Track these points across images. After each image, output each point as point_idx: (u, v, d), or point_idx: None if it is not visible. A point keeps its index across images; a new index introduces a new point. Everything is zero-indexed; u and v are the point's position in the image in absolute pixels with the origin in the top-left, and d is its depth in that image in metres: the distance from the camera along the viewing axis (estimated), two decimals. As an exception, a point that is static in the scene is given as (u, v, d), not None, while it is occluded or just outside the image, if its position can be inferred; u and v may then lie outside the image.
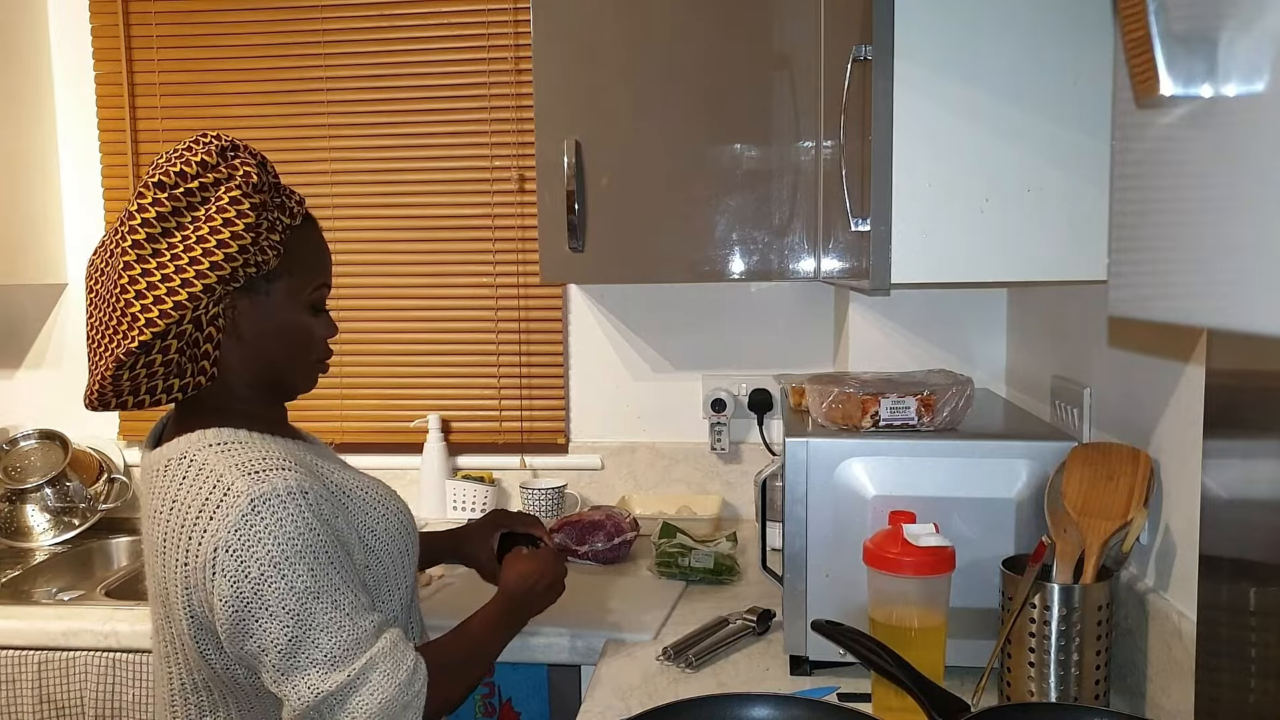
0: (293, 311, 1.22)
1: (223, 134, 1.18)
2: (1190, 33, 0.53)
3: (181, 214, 1.13)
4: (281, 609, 1.08)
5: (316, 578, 1.09)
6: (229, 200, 1.13)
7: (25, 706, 1.87)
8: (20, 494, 2.37)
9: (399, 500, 1.31)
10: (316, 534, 1.11)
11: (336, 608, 1.10)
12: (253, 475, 1.11)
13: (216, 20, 2.45)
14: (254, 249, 1.14)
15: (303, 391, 1.28)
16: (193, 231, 1.12)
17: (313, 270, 1.24)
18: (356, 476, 1.28)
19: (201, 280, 1.11)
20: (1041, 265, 1.26)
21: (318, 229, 1.27)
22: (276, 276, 1.19)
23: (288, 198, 1.21)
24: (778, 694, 1.20)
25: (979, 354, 2.09)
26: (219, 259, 1.12)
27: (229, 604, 1.08)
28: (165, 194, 1.13)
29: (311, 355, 1.26)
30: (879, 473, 1.42)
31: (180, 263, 1.11)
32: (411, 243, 2.47)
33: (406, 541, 1.28)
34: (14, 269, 2.40)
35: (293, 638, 1.08)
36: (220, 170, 1.14)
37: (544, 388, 2.47)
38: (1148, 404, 1.33)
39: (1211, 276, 0.53)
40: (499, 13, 2.38)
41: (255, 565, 1.07)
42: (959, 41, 1.23)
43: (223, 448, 1.15)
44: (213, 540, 1.09)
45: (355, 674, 1.09)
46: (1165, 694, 1.23)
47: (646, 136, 1.98)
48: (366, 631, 1.12)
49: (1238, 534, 1.05)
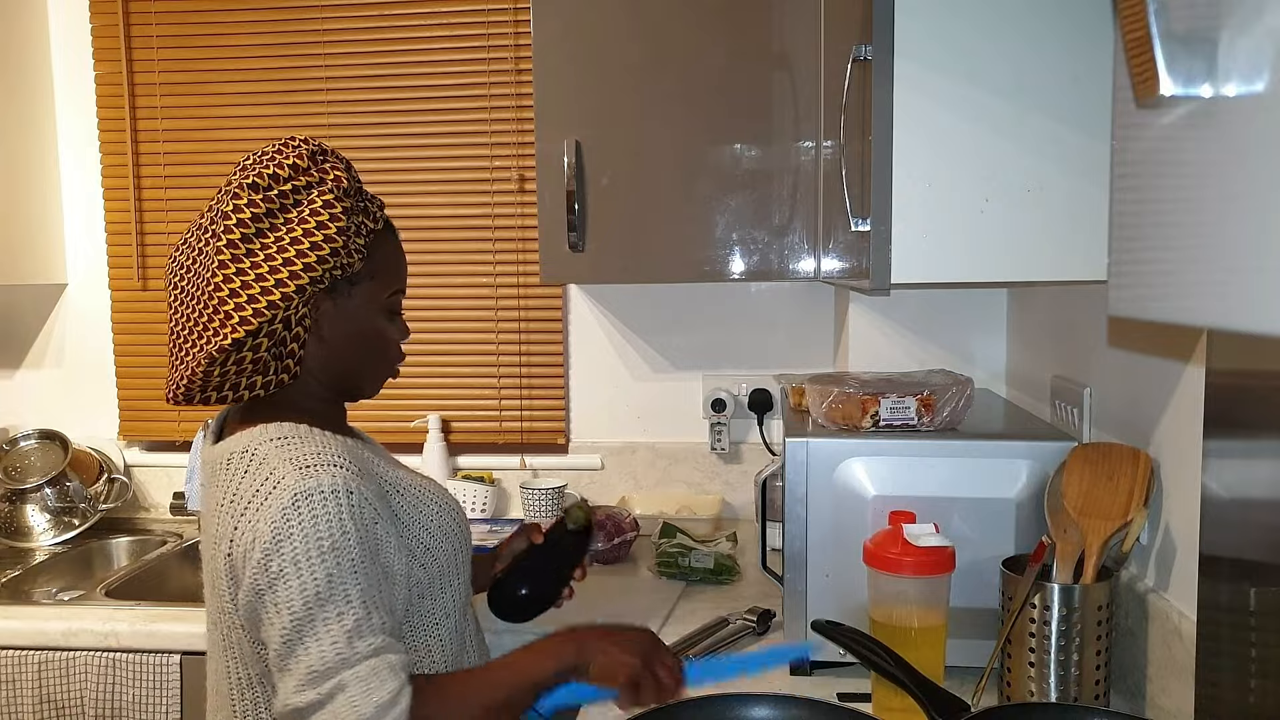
0: (371, 315, 1.24)
1: (311, 139, 1.21)
2: (1190, 33, 0.53)
3: (275, 215, 1.15)
4: (288, 606, 1.07)
5: (331, 583, 1.08)
6: (322, 204, 1.16)
7: (25, 706, 1.87)
8: (20, 494, 2.37)
9: (451, 498, 1.31)
10: (349, 537, 1.10)
11: (339, 619, 1.07)
12: (302, 470, 1.12)
13: (216, 20, 2.45)
14: (343, 251, 1.17)
15: (369, 395, 1.30)
16: (286, 232, 1.15)
17: (392, 275, 1.26)
18: (410, 475, 1.28)
19: (294, 280, 1.14)
20: (1041, 265, 1.26)
21: (396, 235, 1.29)
22: (359, 279, 1.22)
23: (370, 202, 1.24)
24: (778, 694, 1.20)
25: (979, 354, 2.09)
26: (311, 260, 1.14)
27: (250, 591, 1.10)
28: (260, 195, 1.15)
29: (387, 359, 1.28)
30: (879, 473, 1.42)
31: (274, 263, 1.14)
32: (411, 243, 2.46)
33: (460, 539, 1.28)
34: (14, 269, 2.40)
35: (287, 639, 1.07)
36: (312, 174, 1.17)
37: (544, 388, 2.47)
38: (1148, 404, 1.33)
39: (1211, 276, 0.53)
40: (499, 13, 2.38)
41: (279, 559, 1.08)
42: (959, 41, 1.23)
43: (282, 441, 1.16)
44: (253, 531, 1.10)
45: (324, 694, 1.05)
46: (1165, 694, 1.23)
47: (647, 136, 1.98)
48: (358, 653, 1.07)
49: (1238, 534, 1.05)
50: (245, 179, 1.16)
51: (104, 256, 2.57)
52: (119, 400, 2.58)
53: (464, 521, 1.31)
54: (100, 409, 2.59)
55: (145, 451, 2.61)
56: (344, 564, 1.09)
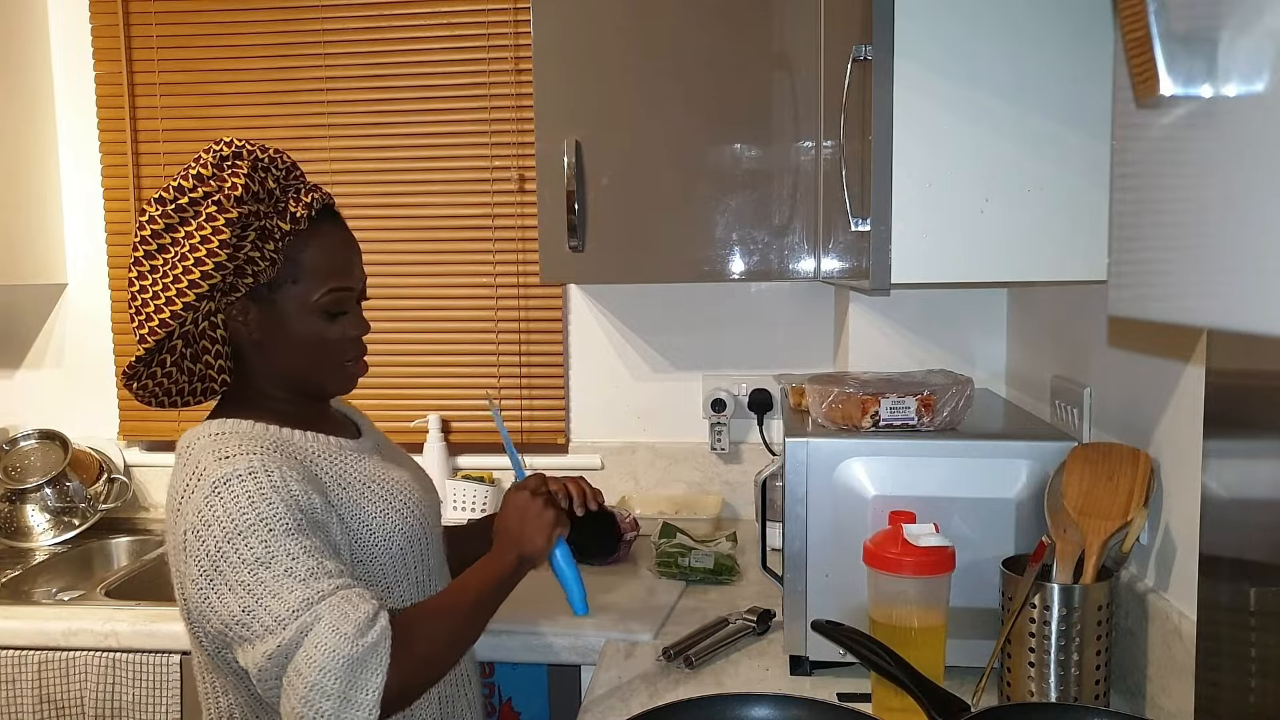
0: (303, 318, 1.21)
1: (237, 140, 1.19)
2: (1190, 33, 0.53)
3: (175, 229, 1.16)
4: (236, 581, 1.07)
5: (269, 548, 1.08)
6: (206, 217, 1.15)
7: (25, 706, 1.87)
8: (20, 494, 2.37)
9: (411, 500, 1.28)
10: (274, 507, 1.10)
11: (290, 575, 1.07)
12: (222, 459, 1.13)
13: (216, 20, 2.45)
14: (234, 263, 1.15)
15: (336, 392, 1.29)
16: (179, 248, 1.16)
17: (323, 275, 1.22)
18: (372, 474, 1.26)
19: (182, 299, 1.15)
20: (1041, 265, 1.26)
21: (335, 230, 1.25)
22: (280, 284, 1.20)
23: (296, 200, 1.20)
24: (778, 694, 1.20)
25: (979, 354, 2.09)
26: (196, 277, 1.15)
27: (195, 583, 1.10)
28: (160, 210, 1.17)
29: (332, 359, 1.25)
30: (879, 473, 1.42)
31: (166, 280, 1.16)
32: (411, 243, 2.47)
33: (404, 540, 1.26)
34: (14, 269, 2.40)
35: (245, 607, 1.06)
36: (210, 184, 1.16)
37: (544, 388, 2.47)
38: (1148, 404, 1.33)
39: (1211, 276, 0.53)
40: (499, 13, 2.38)
41: (213, 542, 1.09)
42: (959, 41, 1.23)
43: (214, 437, 1.18)
44: (183, 524, 1.12)
45: (300, 628, 1.04)
46: (1165, 694, 1.23)
47: (647, 136, 1.98)
48: (321, 591, 1.07)
49: (1238, 534, 1.05)
50: (155, 194, 1.18)
51: (104, 256, 2.57)
52: (119, 400, 2.58)
53: (417, 526, 1.28)
54: (100, 409, 2.59)
55: (145, 451, 2.61)
56: (277, 531, 1.09)
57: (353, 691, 1.03)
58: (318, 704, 1.02)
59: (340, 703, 1.03)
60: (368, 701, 1.04)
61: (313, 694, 1.02)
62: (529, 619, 1.74)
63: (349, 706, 1.03)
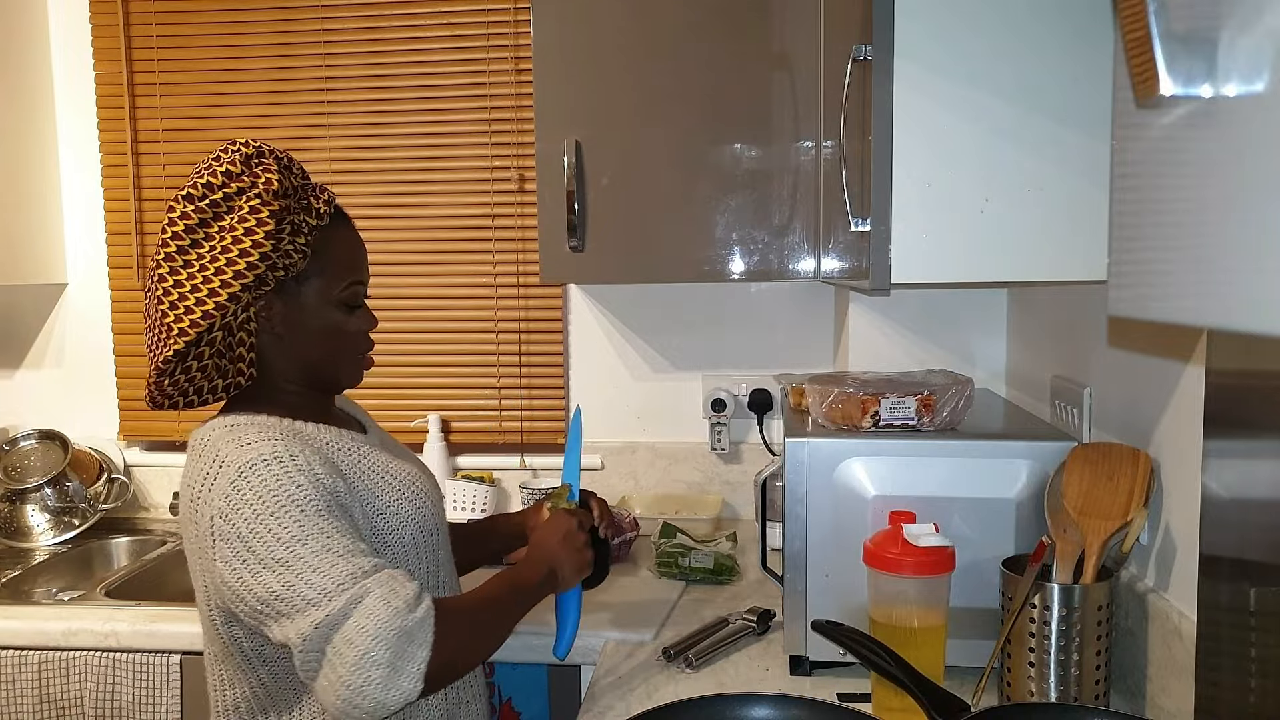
0: (325, 310, 1.26)
1: (252, 140, 1.23)
2: (1190, 33, 0.53)
3: (209, 224, 1.18)
4: (272, 558, 1.09)
5: (303, 526, 1.10)
6: (249, 209, 1.17)
7: (25, 706, 1.87)
8: (20, 494, 2.37)
9: (425, 489, 1.31)
10: (303, 489, 1.12)
11: (329, 550, 1.09)
12: (244, 446, 1.15)
13: (216, 20, 2.45)
14: (276, 254, 1.18)
15: (348, 385, 1.33)
16: (218, 241, 1.17)
17: (344, 268, 1.27)
18: (388, 462, 1.29)
19: (227, 289, 1.16)
20: (1041, 265, 1.26)
21: (348, 227, 1.31)
22: (306, 278, 1.24)
23: (316, 198, 1.25)
24: (778, 694, 1.20)
25: (979, 354, 2.09)
26: (241, 267, 1.16)
27: (228, 564, 1.11)
28: (193, 206, 1.18)
29: (349, 351, 1.30)
30: (879, 473, 1.42)
31: (207, 272, 1.17)
32: (411, 243, 2.47)
33: (421, 527, 1.28)
34: (14, 269, 2.40)
35: (285, 582, 1.08)
36: (244, 179, 1.19)
37: (544, 388, 2.47)
38: (1148, 404, 1.33)
39: (1211, 276, 0.53)
40: (499, 13, 2.38)
41: (244, 524, 1.10)
42: (959, 41, 1.23)
43: (231, 427, 1.20)
44: (209, 510, 1.13)
45: (350, 599, 1.07)
46: (1165, 694, 1.23)
47: (647, 136, 1.98)
48: (363, 568, 1.10)
49: (1238, 534, 1.05)
50: (183, 190, 1.19)
51: (104, 256, 2.57)
52: (119, 400, 2.58)
53: (429, 516, 1.30)
54: (100, 409, 2.59)
55: (145, 451, 2.61)
56: (309, 510, 1.11)
57: (401, 662, 1.07)
58: (368, 671, 1.06)
59: (390, 672, 1.06)
60: (414, 673, 1.08)
61: (364, 661, 1.05)
62: (529, 619, 1.73)
63: (397, 676, 1.07)
